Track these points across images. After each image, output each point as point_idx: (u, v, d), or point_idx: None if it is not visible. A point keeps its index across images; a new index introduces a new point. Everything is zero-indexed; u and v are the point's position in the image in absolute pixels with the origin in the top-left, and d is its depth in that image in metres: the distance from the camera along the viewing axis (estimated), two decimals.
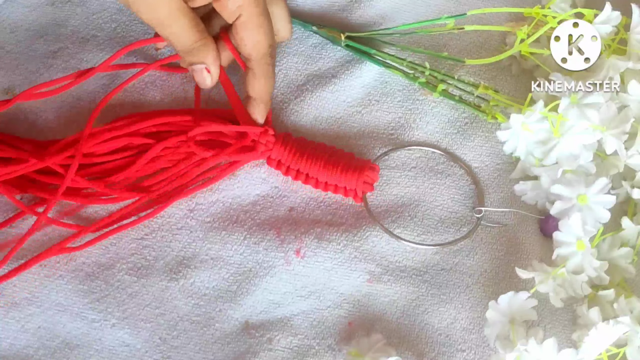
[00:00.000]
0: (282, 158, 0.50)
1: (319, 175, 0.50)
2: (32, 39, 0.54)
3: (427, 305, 0.48)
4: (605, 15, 0.50)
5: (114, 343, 0.45)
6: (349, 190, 0.50)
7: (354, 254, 0.49)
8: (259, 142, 0.50)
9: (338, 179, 0.49)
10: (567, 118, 0.47)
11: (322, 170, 0.49)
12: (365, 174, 0.49)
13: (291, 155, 0.50)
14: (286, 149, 0.50)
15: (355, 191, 0.50)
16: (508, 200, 0.52)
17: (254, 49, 0.48)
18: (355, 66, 0.56)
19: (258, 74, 0.50)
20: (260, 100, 0.50)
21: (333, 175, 0.49)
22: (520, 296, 0.44)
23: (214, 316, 0.47)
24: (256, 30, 0.48)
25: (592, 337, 0.42)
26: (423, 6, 0.59)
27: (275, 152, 0.50)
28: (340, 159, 0.50)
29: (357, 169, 0.49)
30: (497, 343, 0.44)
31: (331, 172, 0.49)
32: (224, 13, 0.47)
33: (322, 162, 0.49)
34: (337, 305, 0.48)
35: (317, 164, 0.49)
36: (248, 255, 0.48)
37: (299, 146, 0.50)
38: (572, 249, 0.45)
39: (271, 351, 0.46)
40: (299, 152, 0.50)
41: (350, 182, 0.49)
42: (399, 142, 0.54)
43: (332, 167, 0.49)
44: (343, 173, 0.49)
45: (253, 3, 0.47)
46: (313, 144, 0.51)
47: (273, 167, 0.51)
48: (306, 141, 0.51)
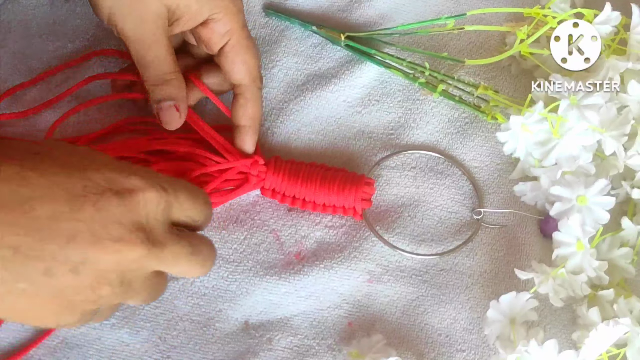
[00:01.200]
0: (276, 186, 0.49)
1: (316, 198, 0.49)
2: (32, 39, 0.54)
3: (427, 305, 0.48)
4: (605, 15, 0.50)
5: (113, 342, 0.45)
6: (347, 209, 0.49)
7: (353, 254, 0.49)
8: (250, 174, 0.49)
9: (335, 199, 0.49)
10: (566, 119, 0.47)
11: (318, 193, 0.48)
12: (362, 191, 0.49)
13: (285, 182, 0.49)
14: (279, 176, 0.49)
15: (354, 209, 0.49)
16: (508, 200, 0.52)
17: (246, 72, 0.47)
18: (355, 66, 0.55)
19: (250, 99, 0.48)
20: (251, 128, 0.49)
21: (330, 197, 0.48)
22: (521, 297, 0.44)
23: (214, 316, 0.46)
24: (247, 53, 0.47)
25: (593, 338, 0.42)
26: (423, 6, 0.59)
27: (269, 181, 0.49)
28: (334, 178, 0.49)
29: (352, 186, 0.48)
30: (498, 343, 0.44)
31: (327, 194, 0.48)
32: (213, 38, 0.46)
33: (317, 185, 0.48)
34: (337, 305, 0.48)
35: (312, 187, 0.48)
36: (248, 255, 0.48)
37: (291, 171, 0.49)
38: (572, 249, 0.45)
39: (271, 351, 0.46)
40: (292, 177, 0.49)
41: (348, 201, 0.49)
42: (398, 143, 0.54)
43: (327, 188, 0.48)
44: (339, 193, 0.48)
45: (241, 26, 0.46)
46: (305, 166, 0.49)
47: (268, 196, 0.49)
48: (297, 163, 0.50)
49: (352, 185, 0.48)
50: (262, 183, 0.49)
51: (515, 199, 0.52)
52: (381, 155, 0.53)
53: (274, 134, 0.53)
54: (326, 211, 0.49)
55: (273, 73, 0.55)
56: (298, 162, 0.50)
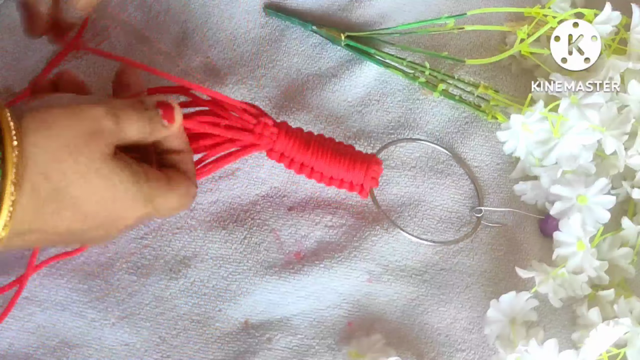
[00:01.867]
0: (286, 151, 0.47)
1: (325, 169, 0.48)
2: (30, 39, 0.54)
3: (427, 305, 0.48)
4: (605, 15, 0.50)
5: (113, 342, 0.45)
6: (355, 185, 0.48)
7: (353, 254, 0.49)
8: (262, 134, 0.47)
9: (345, 173, 0.48)
10: (567, 118, 0.47)
11: (328, 165, 0.47)
12: (372, 169, 0.48)
13: (295, 147, 0.47)
14: (290, 141, 0.47)
15: (361, 186, 0.48)
16: (508, 199, 0.52)
17: None
18: (355, 66, 0.55)
19: None
20: None
21: (339, 170, 0.48)
22: (521, 297, 0.44)
23: (214, 315, 0.46)
24: None
25: (593, 338, 0.42)
26: (423, 6, 0.59)
27: (279, 144, 0.47)
28: (345, 152, 0.48)
29: (364, 163, 0.48)
30: (497, 343, 0.44)
31: (337, 167, 0.48)
32: None
33: (328, 156, 0.47)
34: (337, 305, 0.48)
35: (323, 158, 0.47)
36: (248, 254, 0.48)
37: (302, 137, 0.48)
38: (572, 249, 0.45)
39: (270, 351, 0.46)
40: (304, 144, 0.47)
41: (357, 177, 0.48)
42: None
43: (338, 161, 0.48)
44: (350, 168, 0.48)
45: None
46: (314, 136, 0.49)
47: (274, 159, 0.48)
48: (308, 132, 0.49)
49: (362, 162, 0.48)
50: (272, 145, 0.47)
51: (515, 199, 0.52)
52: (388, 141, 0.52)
53: None
54: (332, 184, 0.48)
55: (273, 73, 0.55)
56: (308, 131, 0.49)
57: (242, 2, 0.56)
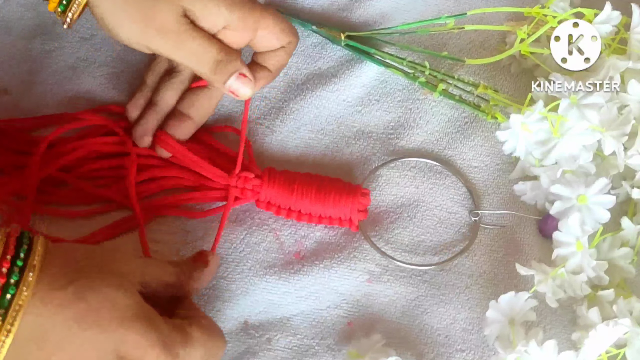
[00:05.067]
0: (271, 199, 0.49)
1: (312, 210, 0.49)
2: (29, 39, 0.54)
3: (427, 305, 0.48)
4: (605, 15, 0.50)
5: None
6: (343, 220, 0.49)
7: (353, 254, 0.49)
8: (245, 189, 0.48)
9: (331, 211, 0.48)
10: (566, 118, 0.47)
11: (313, 205, 0.48)
12: (358, 202, 0.48)
13: (279, 194, 0.48)
14: (273, 189, 0.48)
15: (350, 220, 0.49)
16: (507, 200, 0.52)
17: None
18: (355, 66, 0.55)
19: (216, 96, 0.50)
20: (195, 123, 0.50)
21: (326, 208, 0.48)
22: (520, 297, 0.44)
23: (213, 315, 0.46)
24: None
25: (592, 339, 0.42)
26: (423, 5, 0.59)
27: (263, 194, 0.49)
28: (329, 189, 0.48)
29: (348, 197, 0.48)
30: (497, 343, 0.44)
31: (323, 205, 0.48)
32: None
33: (312, 196, 0.48)
34: (337, 305, 0.48)
35: (308, 199, 0.48)
36: (247, 254, 0.48)
37: (285, 183, 0.48)
38: (572, 249, 0.45)
39: (270, 351, 0.46)
40: (287, 189, 0.48)
41: (343, 212, 0.48)
42: (397, 143, 0.53)
43: (323, 200, 0.48)
44: (335, 204, 0.48)
45: None
46: (299, 176, 0.49)
47: (263, 208, 0.49)
48: (292, 174, 0.49)
49: (347, 197, 0.48)
50: (256, 196, 0.49)
51: (515, 199, 0.52)
52: (378, 162, 0.52)
53: (273, 133, 0.53)
54: (322, 222, 0.49)
55: None
56: (292, 172, 0.49)
57: None
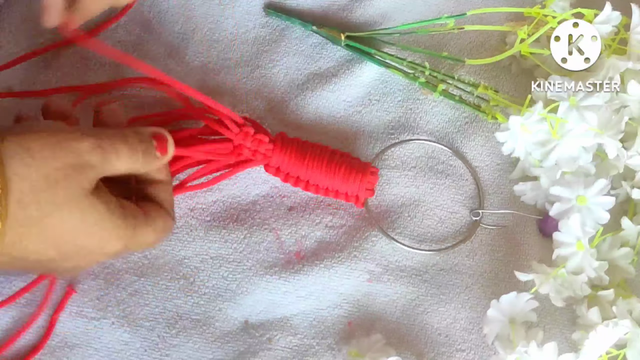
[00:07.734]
0: (282, 165, 0.49)
1: (320, 181, 0.49)
2: (32, 39, 0.54)
3: (427, 305, 0.48)
4: (605, 15, 0.50)
5: (113, 342, 0.45)
6: (350, 195, 0.49)
7: (353, 254, 0.49)
8: (257, 151, 0.48)
9: (340, 185, 0.49)
10: (566, 120, 0.47)
11: (322, 177, 0.48)
12: (367, 180, 0.49)
13: (291, 161, 0.48)
14: (285, 155, 0.48)
15: (357, 197, 0.49)
16: (508, 200, 0.52)
17: None
18: (355, 66, 0.55)
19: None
20: None
21: (334, 182, 0.48)
22: (521, 297, 0.44)
23: (214, 315, 0.46)
24: None
25: (592, 340, 0.42)
26: (423, 6, 0.59)
27: (275, 159, 0.49)
28: (340, 163, 0.49)
29: (358, 174, 0.48)
30: (497, 343, 0.44)
31: (332, 179, 0.48)
32: None
33: (323, 168, 0.48)
34: (337, 305, 0.48)
35: (318, 170, 0.48)
36: (248, 254, 0.48)
37: (297, 151, 0.49)
38: (572, 249, 0.45)
39: (270, 350, 0.46)
40: (299, 157, 0.48)
41: (352, 189, 0.49)
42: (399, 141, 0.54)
43: (333, 173, 0.48)
44: (344, 179, 0.48)
45: None
46: (311, 146, 0.49)
47: (271, 173, 0.49)
48: (303, 143, 0.49)
49: (357, 173, 0.48)
50: (267, 160, 0.49)
51: (515, 199, 0.52)
52: (378, 162, 0.52)
53: (273, 133, 0.53)
54: (328, 195, 0.49)
55: (273, 73, 0.55)
56: (304, 141, 0.50)
57: (242, 2, 0.56)
